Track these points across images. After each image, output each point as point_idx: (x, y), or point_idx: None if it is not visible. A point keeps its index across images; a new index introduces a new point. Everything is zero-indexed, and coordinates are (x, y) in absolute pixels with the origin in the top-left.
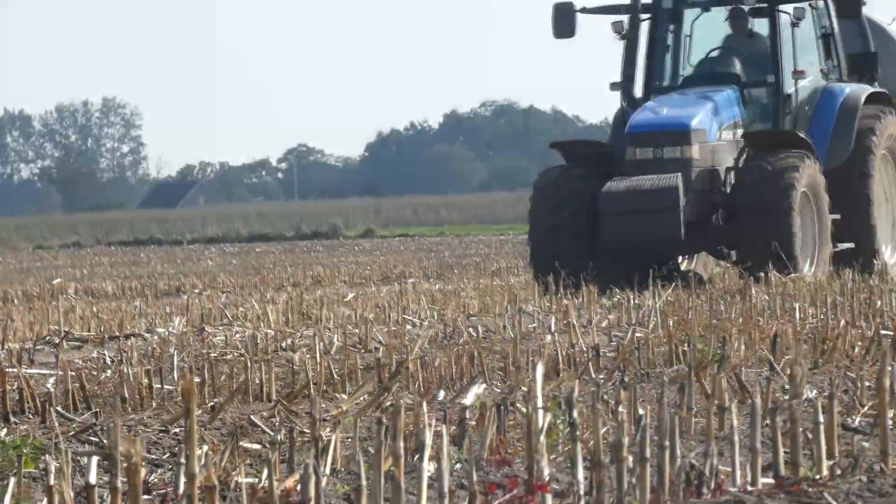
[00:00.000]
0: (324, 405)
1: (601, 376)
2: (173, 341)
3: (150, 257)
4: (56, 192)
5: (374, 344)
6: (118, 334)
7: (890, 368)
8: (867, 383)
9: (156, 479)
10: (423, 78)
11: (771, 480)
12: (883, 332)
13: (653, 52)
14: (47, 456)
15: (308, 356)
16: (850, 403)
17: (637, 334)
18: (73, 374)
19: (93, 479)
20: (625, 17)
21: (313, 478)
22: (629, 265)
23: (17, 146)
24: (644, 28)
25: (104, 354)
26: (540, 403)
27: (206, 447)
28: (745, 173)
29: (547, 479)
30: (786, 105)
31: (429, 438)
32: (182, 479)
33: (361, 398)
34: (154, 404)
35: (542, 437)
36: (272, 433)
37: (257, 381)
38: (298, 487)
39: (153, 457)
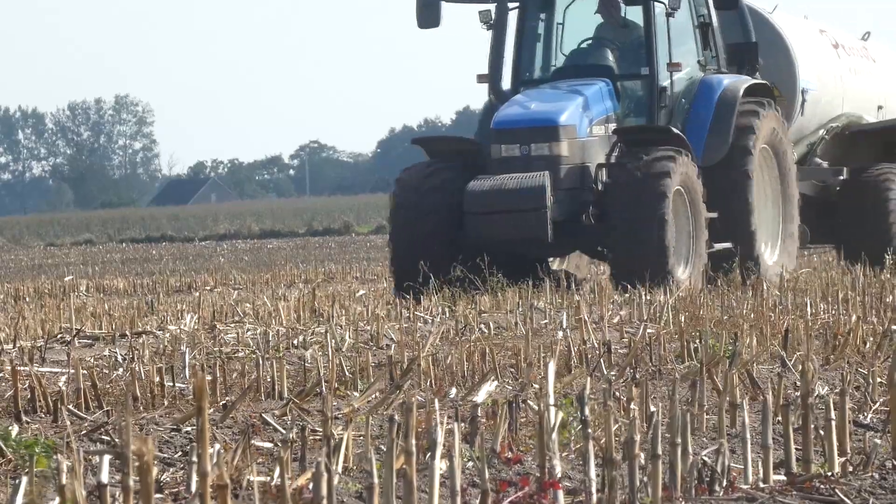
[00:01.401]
0: (335, 403)
1: (613, 373)
2: (185, 339)
3: (161, 254)
4: (70, 189)
5: (385, 341)
6: (129, 332)
7: None
8: (879, 379)
9: (168, 478)
10: (435, 74)
11: (783, 477)
12: (894, 327)
13: (521, 43)
14: (59, 455)
15: (320, 353)
16: (862, 400)
17: (649, 330)
18: (85, 372)
19: (105, 478)
20: (492, 6)
21: (325, 476)
22: (497, 267)
23: (29, 144)
24: (513, 17)
25: (116, 352)
26: (552, 400)
27: (217, 446)
28: (617, 170)
29: (559, 476)
30: (661, 99)
31: (441, 436)
32: (194, 478)
33: (373, 396)
34: (166, 402)
35: (553, 435)
36: (284, 431)
37: (269, 379)
38: (310, 486)
39: (165, 455)
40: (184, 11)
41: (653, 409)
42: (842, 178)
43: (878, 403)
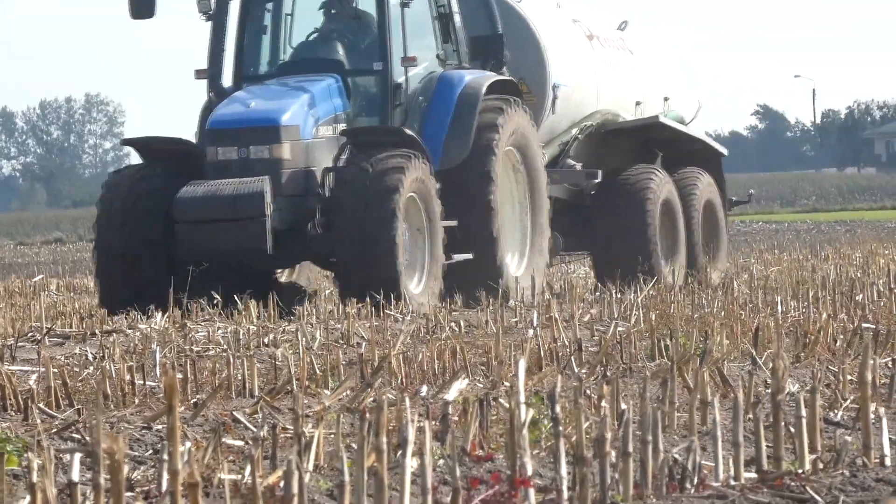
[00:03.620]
0: (306, 401)
1: (584, 371)
2: (155, 337)
3: None
4: (42, 188)
5: (356, 339)
6: (100, 331)
7: (872, 362)
8: (849, 377)
9: (139, 476)
10: None
11: (754, 475)
12: (864, 325)
13: (244, 35)
14: (30, 453)
15: (290, 352)
16: (833, 397)
17: (619, 329)
18: (56, 370)
19: (75, 476)
20: None
21: (296, 474)
22: (216, 280)
23: None
24: (236, 6)
25: (86, 351)
26: (522, 398)
27: (188, 444)
28: (343, 176)
29: (530, 474)
30: (395, 96)
31: (412, 434)
32: (165, 476)
33: (344, 394)
34: (136, 401)
35: (524, 433)
36: (255, 429)
37: (240, 378)
38: (281, 484)
39: (136, 454)
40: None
41: (624, 406)
42: (596, 181)
43: (848, 401)
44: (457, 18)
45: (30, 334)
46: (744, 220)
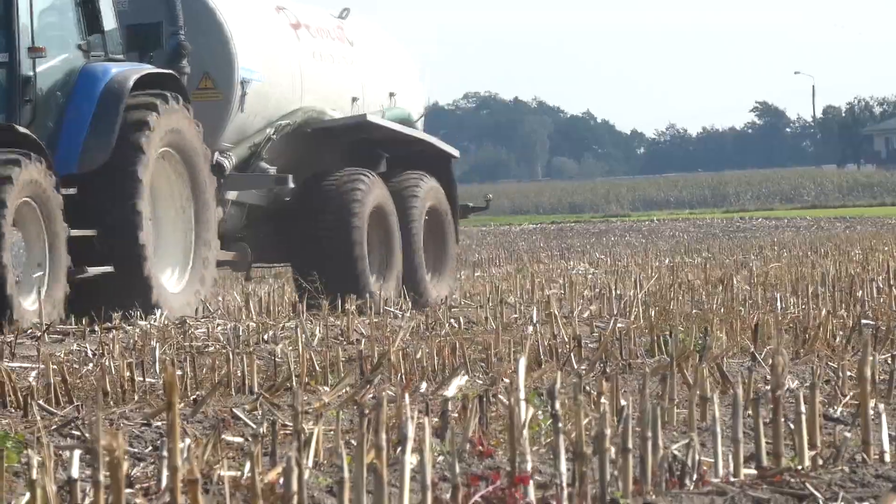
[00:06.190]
0: (306, 397)
1: (583, 367)
2: (155, 334)
3: None
4: None
5: (356, 336)
6: (99, 327)
7: (871, 358)
8: (849, 373)
9: (138, 473)
10: None
11: (753, 471)
12: (864, 321)
13: None
14: (30, 450)
15: (290, 348)
16: (832, 393)
17: (619, 325)
18: (55, 367)
19: (75, 473)
20: None
21: (296, 471)
22: None
23: None
24: None
25: (86, 347)
26: (522, 395)
27: (188, 440)
28: None
29: (529, 470)
30: (24, 91)
31: (411, 431)
32: (165, 473)
33: (344, 390)
34: (136, 397)
35: (524, 429)
36: (254, 426)
37: (239, 374)
38: (281, 480)
39: (135, 450)
40: None
41: (623, 403)
42: (290, 186)
43: (847, 397)
44: (104, 4)
45: (29, 331)
46: (743, 216)
